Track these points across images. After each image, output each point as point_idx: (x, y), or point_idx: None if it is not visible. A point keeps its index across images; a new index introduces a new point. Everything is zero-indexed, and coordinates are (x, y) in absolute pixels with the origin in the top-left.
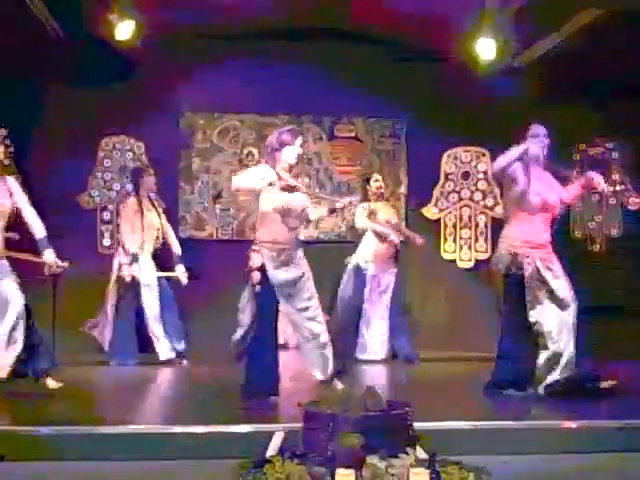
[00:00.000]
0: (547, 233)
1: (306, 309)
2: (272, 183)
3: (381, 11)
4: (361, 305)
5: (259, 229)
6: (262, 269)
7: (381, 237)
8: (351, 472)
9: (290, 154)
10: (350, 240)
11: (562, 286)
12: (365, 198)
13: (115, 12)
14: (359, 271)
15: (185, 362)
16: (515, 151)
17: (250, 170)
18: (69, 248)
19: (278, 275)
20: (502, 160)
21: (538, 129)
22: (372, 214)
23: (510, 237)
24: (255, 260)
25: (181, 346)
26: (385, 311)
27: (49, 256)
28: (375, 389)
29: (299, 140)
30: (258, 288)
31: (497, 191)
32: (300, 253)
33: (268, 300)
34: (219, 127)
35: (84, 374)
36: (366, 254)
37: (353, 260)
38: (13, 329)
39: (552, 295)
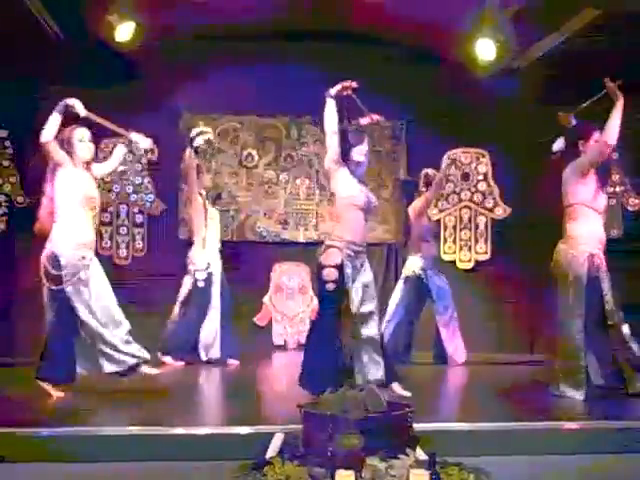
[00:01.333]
0: None
1: (369, 314)
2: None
3: (381, 12)
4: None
5: (338, 225)
6: (339, 268)
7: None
8: (351, 473)
9: (359, 153)
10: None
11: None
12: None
13: (115, 13)
14: (419, 279)
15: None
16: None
17: (330, 109)
18: None
19: (354, 276)
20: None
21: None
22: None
23: (584, 237)
24: (333, 257)
25: None
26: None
27: (136, 134)
28: (375, 390)
29: (365, 138)
30: (332, 287)
31: (497, 192)
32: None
33: (337, 299)
34: (219, 128)
35: None
36: (418, 261)
37: (407, 270)
38: None
39: None
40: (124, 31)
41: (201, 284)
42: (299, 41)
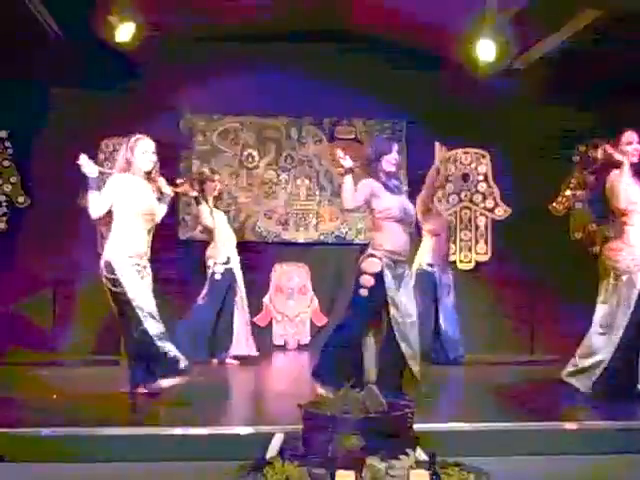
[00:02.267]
0: None
1: (411, 324)
2: (374, 196)
3: (381, 13)
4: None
5: (378, 234)
6: (378, 276)
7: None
8: (351, 473)
9: (388, 162)
10: (349, 242)
11: None
12: None
13: (115, 14)
14: (424, 275)
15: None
16: None
17: (347, 187)
18: (69, 249)
19: (396, 285)
20: None
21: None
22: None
23: None
24: (373, 266)
25: None
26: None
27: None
28: (375, 390)
29: (395, 146)
30: (365, 292)
31: (497, 193)
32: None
33: (369, 306)
34: (219, 129)
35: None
36: (426, 256)
37: (415, 267)
38: None
39: None
40: (124, 31)
41: (218, 277)
42: (299, 42)
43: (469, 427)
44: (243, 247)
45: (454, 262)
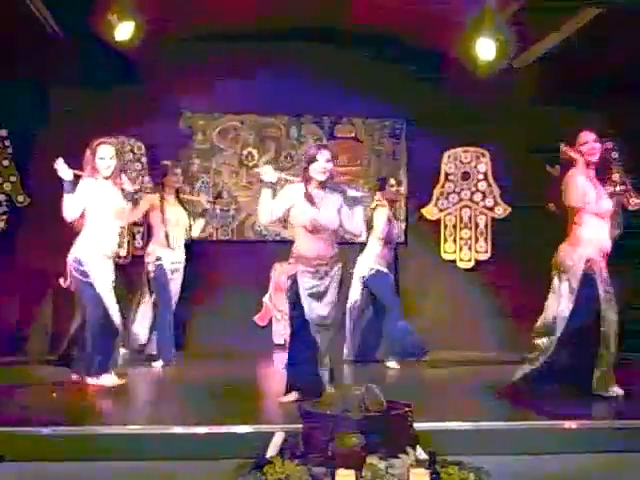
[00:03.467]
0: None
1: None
2: (293, 205)
3: (381, 11)
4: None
5: (296, 240)
6: (294, 279)
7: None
8: (351, 472)
9: (316, 170)
10: (345, 242)
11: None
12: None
13: (115, 12)
14: (376, 278)
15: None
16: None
17: (263, 200)
18: (68, 248)
19: (311, 286)
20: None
21: (587, 136)
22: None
23: (585, 241)
24: (288, 269)
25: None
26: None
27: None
28: (375, 389)
29: (324, 154)
30: (288, 294)
31: (497, 192)
32: (337, 267)
33: (297, 307)
34: (219, 127)
35: None
36: (374, 259)
37: (363, 269)
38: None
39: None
40: (124, 30)
41: (152, 275)
42: (299, 40)
43: (469, 426)
44: (243, 246)
45: (454, 261)
